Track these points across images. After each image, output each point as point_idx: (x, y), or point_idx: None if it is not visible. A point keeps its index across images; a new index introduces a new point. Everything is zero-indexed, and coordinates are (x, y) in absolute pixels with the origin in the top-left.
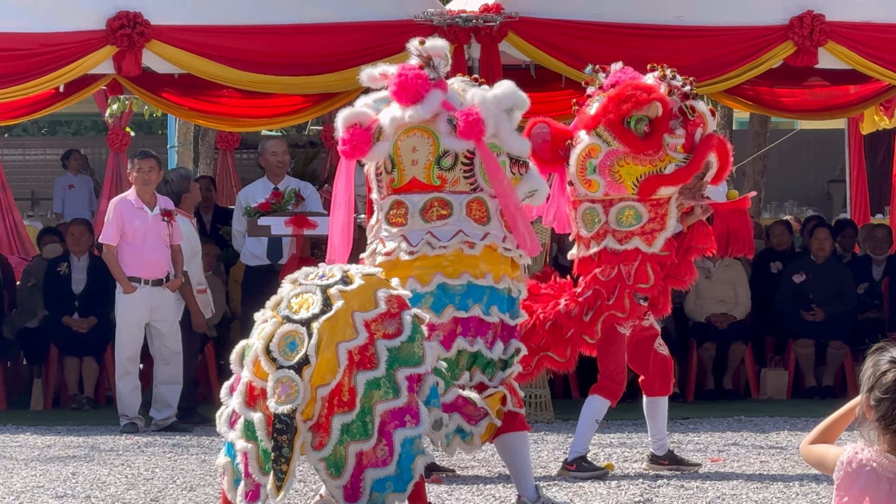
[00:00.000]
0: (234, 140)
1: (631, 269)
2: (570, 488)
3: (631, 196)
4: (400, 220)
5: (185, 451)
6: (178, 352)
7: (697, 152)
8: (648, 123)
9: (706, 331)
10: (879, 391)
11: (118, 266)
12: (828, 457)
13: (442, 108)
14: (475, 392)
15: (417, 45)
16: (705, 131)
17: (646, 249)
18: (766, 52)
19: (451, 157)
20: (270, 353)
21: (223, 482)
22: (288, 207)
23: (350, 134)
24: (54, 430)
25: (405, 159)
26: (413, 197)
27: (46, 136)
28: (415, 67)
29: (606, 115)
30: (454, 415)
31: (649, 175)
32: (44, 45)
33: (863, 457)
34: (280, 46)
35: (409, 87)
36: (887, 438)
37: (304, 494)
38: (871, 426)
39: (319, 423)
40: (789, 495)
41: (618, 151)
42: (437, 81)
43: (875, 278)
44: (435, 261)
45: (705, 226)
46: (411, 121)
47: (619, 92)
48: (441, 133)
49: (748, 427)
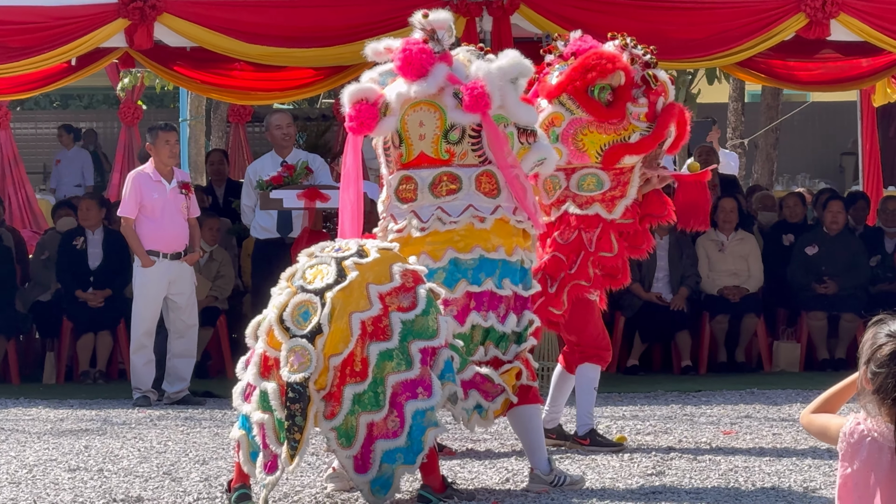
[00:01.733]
0: (247, 113)
1: (593, 236)
2: (583, 461)
3: (594, 164)
4: (410, 195)
5: (197, 424)
6: (193, 325)
7: (661, 121)
8: (612, 92)
9: (719, 304)
10: (875, 365)
11: (137, 239)
12: (830, 427)
13: (447, 81)
14: (491, 368)
15: (421, 18)
16: (667, 100)
17: (606, 216)
18: (779, 25)
19: (458, 130)
20: (284, 323)
21: (238, 455)
22: (300, 180)
23: (357, 110)
24: (67, 404)
25: (412, 134)
26: (422, 172)
27: (58, 109)
28: (419, 41)
29: (572, 83)
30: (472, 391)
31: (614, 144)
32: (56, 18)
33: (864, 427)
34: (291, 19)
35: (414, 62)
36: (885, 410)
37: (317, 468)
38: (870, 399)
39: (331, 392)
40: (802, 468)
41: (581, 120)
42: (441, 55)
43: (888, 251)
44: (446, 236)
45: (661, 194)
46: (417, 96)
47: (584, 61)
48: (447, 107)
49: (760, 399)
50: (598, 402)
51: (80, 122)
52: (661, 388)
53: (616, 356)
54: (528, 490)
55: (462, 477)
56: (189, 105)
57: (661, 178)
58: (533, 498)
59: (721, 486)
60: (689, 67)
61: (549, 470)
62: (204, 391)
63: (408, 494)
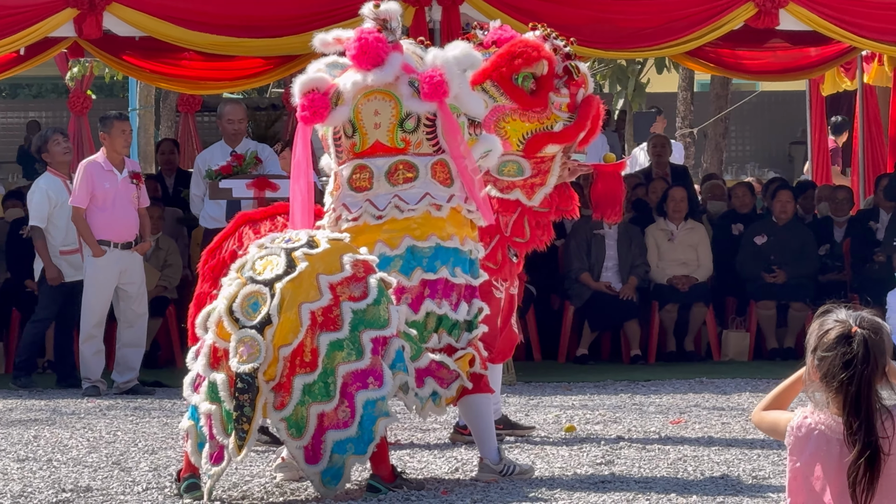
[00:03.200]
0: (196, 103)
1: (510, 221)
2: (532, 450)
3: (515, 152)
4: (364, 184)
5: (146, 414)
6: (143, 314)
7: (582, 112)
8: (535, 81)
9: (668, 293)
10: (822, 350)
11: (88, 229)
12: (780, 422)
13: (402, 70)
14: (445, 355)
15: (372, 7)
16: (586, 92)
17: (526, 202)
18: (728, 14)
19: (413, 119)
20: (233, 314)
21: (186, 445)
22: (248, 170)
23: (308, 100)
24: (16, 394)
25: (367, 123)
26: (377, 161)
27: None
28: (373, 31)
29: (498, 70)
30: (428, 379)
31: (536, 132)
32: (4, 7)
33: (811, 420)
34: (241, 9)
35: (370, 51)
36: (832, 398)
37: (266, 457)
38: (818, 388)
39: (281, 383)
40: (751, 457)
41: (504, 108)
42: (394, 44)
43: (836, 240)
44: (404, 224)
45: (569, 188)
46: (374, 84)
47: (510, 48)
48: (403, 96)
49: (709, 389)
50: (548, 391)
51: (28, 111)
52: (611, 378)
53: (566, 346)
54: (478, 479)
55: (411, 466)
56: (138, 95)
57: (571, 171)
58: (482, 487)
59: (670, 475)
60: (639, 57)
61: (499, 459)
62: (153, 381)
63: (357, 485)
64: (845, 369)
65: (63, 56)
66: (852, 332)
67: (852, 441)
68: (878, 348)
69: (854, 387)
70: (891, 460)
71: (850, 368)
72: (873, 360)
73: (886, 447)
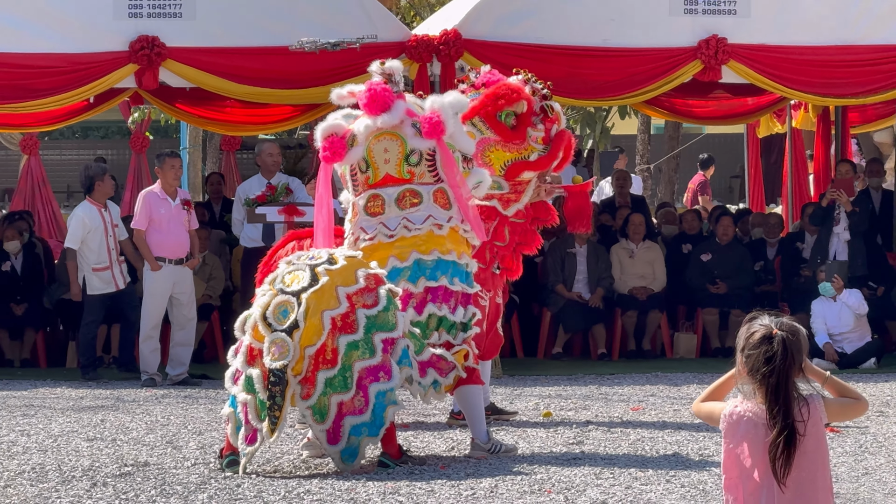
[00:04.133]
0: (236, 143)
1: (490, 227)
2: (516, 432)
3: (497, 176)
4: (377, 209)
5: (195, 401)
6: (192, 318)
7: (554, 144)
8: (516, 118)
9: (629, 301)
10: (749, 349)
11: (147, 248)
12: (715, 412)
13: (406, 115)
14: (444, 349)
15: (379, 65)
16: (559, 127)
17: (501, 211)
18: (679, 70)
19: (417, 154)
20: (266, 319)
21: (227, 429)
22: (280, 199)
23: (328, 143)
24: (86, 385)
25: (378, 159)
26: (388, 190)
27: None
28: (380, 83)
29: (484, 108)
30: (430, 370)
31: (515, 161)
32: (78, 63)
33: (741, 409)
34: (274, 64)
35: (379, 99)
36: (757, 389)
37: (294, 438)
38: (746, 381)
39: (307, 377)
40: (698, 438)
41: (489, 140)
42: (398, 94)
43: (769, 258)
44: (411, 241)
45: (547, 204)
46: (383, 126)
47: (494, 90)
48: (407, 136)
49: (663, 381)
50: (528, 383)
51: (97, 149)
52: (581, 372)
53: (543, 345)
54: (470, 456)
55: (415, 446)
56: (188, 135)
57: (548, 191)
58: (474, 463)
59: (631, 453)
60: (604, 105)
61: (488, 439)
62: (200, 374)
63: (369, 461)
64: (767, 364)
65: (126, 103)
66: (773, 333)
67: (773, 424)
68: (794, 347)
69: (774, 378)
70: (805, 440)
71: (771, 363)
72: (790, 356)
73: (802, 429)
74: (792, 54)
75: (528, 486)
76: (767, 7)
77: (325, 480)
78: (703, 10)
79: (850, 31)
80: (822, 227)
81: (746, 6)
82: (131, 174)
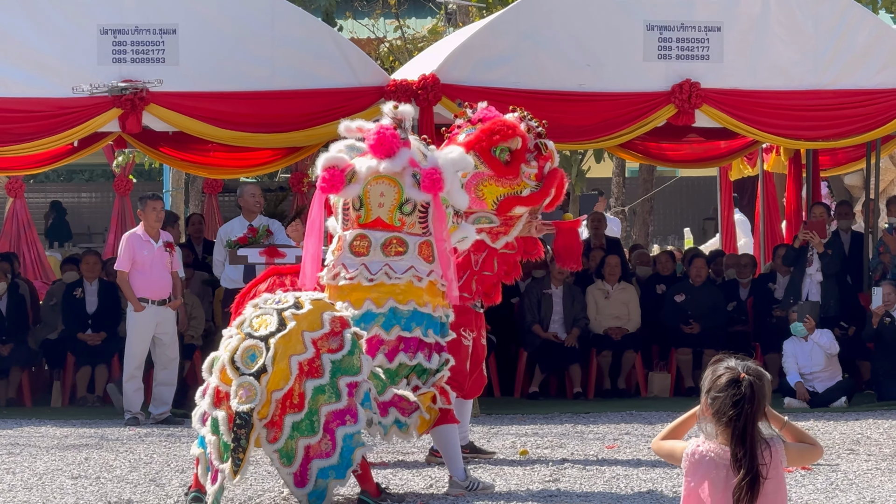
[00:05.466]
0: (218, 185)
1: (479, 258)
2: (493, 470)
3: (490, 211)
4: (363, 250)
5: (177, 440)
6: (175, 358)
7: (547, 181)
8: (510, 154)
9: (604, 341)
10: (715, 391)
11: (130, 289)
12: (676, 450)
13: (409, 164)
14: (409, 391)
15: (392, 108)
16: (553, 165)
17: (490, 243)
18: (653, 114)
19: (411, 204)
20: (234, 363)
21: (197, 469)
22: (261, 240)
23: (328, 173)
24: (70, 423)
25: (373, 201)
26: (376, 233)
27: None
28: (390, 127)
29: (479, 143)
30: (391, 409)
31: (507, 196)
32: (62, 108)
33: (703, 449)
34: (255, 109)
35: (386, 143)
36: (721, 431)
37: (275, 475)
38: (710, 422)
39: (273, 420)
40: (672, 475)
41: (483, 174)
42: (405, 141)
43: (742, 298)
44: (390, 288)
45: (536, 240)
46: (384, 171)
47: (490, 126)
48: (406, 185)
49: (638, 420)
50: (505, 421)
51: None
52: (557, 411)
53: (519, 384)
54: (448, 494)
55: (394, 483)
56: (171, 178)
57: (538, 228)
58: (452, 500)
59: (606, 490)
60: (580, 148)
61: (465, 477)
62: (182, 413)
63: (347, 499)
64: (734, 407)
65: (110, 147)
66: (741, 377)
67: (737, 467)
68: (761, 391)
69: (741, 422)
70: (766, 482)
71: (738, 407)
72: (757, 401)
73: (765, 472)
74: (764, 98)
75: None
76: (740, 52)
77: None
78: (677, 56)
79: (820, 76)
80: (795, 268)
81: (719, 51)
82: (115, 216)
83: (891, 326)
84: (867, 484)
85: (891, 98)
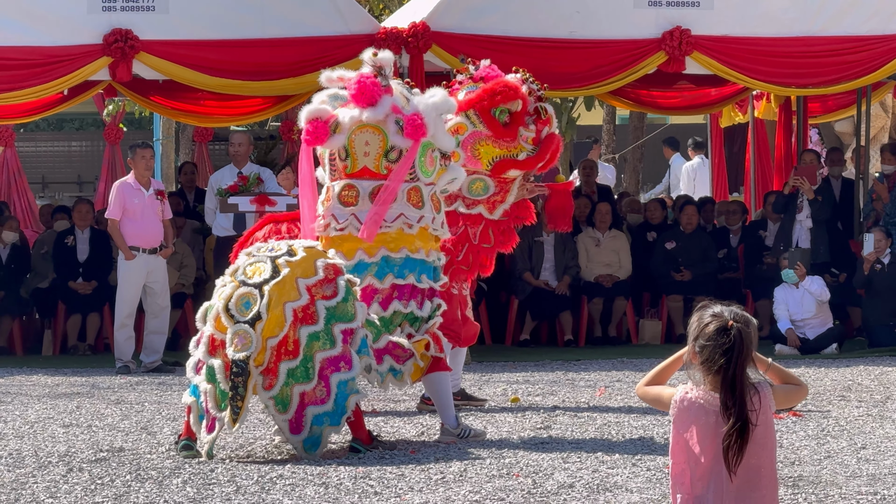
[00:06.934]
0: (208, 134)
1: (476, 231)
2: (484, 417)
3: (484, 171)
4: (351, 200)
5: (168, 388)
6: (166, 307)
7: (543, 146)
8: (509, 115)
9: (595, 289)
10: (703, 339)
11: (121, 237)
12: (663, 396)
13: (391, 111)
14: (404, 338)
15: (371, 56)
16: (550, 130)
17: (487, 216)
18: (643, 61)
19: (396, 151)
20: (229, 311)
21: (189, 417)
22: (252, 188)
23: (312, 126)
24: (61, 372)
25: (358, 151)
26: (363, 182)
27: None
28: (370, 75)
29: (480, 102)
30: (386, 357)
31: (503, 158)
32: (51, 56)
33: (692, 395)
34: (245, 57)
35: (367, 92)
36: (710, 379)
37: (267, 424)
38: (697, 369)
39: (269, 368)
40: (662, 422)
41: (481, 133)
42: (386, 88)
43: (732, 245)
44: (381, 237)
45: (527, 202)
46: (367, 120)
47: (492, 87)
48: (389, 132)
49: (629, 367)
50: (496, 369)
51: (72, 141)
52: (548, 358)
53: (511, 332)
54: (440, 441)
55: (385, 431)
56: (161, 127)
57: (530, 189)
58: (444, 447)
59: (597, 437)
60: (571, 96)
61: (457, 425)
62: (174, 361)
63: (341, 446)
64: (724, 356)
65: (100, 96)
66: (729, 325)
67: (727, 414)
68: (749, 338)
69: (731, 370)
70: (756, 428)
71: (727, 355)
72: (746, 348)
73: (754, 418)
74: (754, 45)
75: (497, 469)
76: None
77: (297, 465)
78: (668, 2)
79: (810, 22)
80: (785, 215)
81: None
82: (105, 165)
83: (881, 273)
84: (858, 430)
85: (881, 44)
